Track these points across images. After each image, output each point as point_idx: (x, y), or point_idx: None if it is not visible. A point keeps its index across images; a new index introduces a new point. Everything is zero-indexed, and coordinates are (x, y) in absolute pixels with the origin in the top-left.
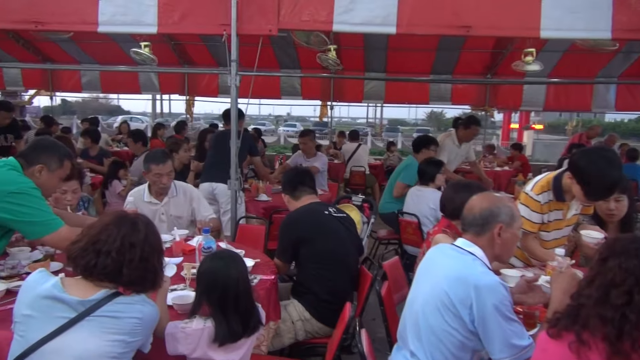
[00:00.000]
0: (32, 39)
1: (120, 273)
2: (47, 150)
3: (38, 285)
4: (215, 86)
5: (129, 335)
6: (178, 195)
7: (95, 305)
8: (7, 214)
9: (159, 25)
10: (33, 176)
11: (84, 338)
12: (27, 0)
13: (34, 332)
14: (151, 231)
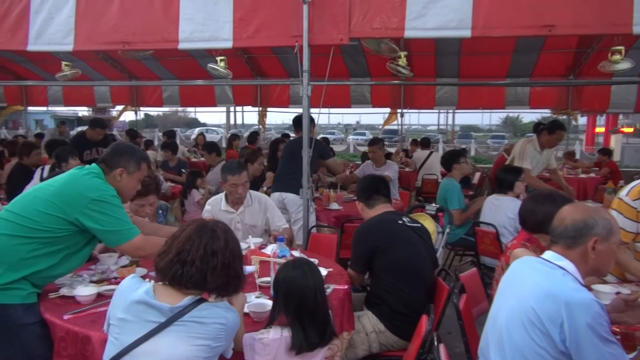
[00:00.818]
0: (120, 58)
1: (205, 280)
2: (125, 154)
3: (132, 291)
4: (286, 97)
5: (214, 340)
6: (253, 205)
7: (182, 311)
8: (89, 220)
9: (234, 40)
10: (115, 179)
11: (173, 343)
12: (115, 23)
13: (127, 335)
14: (230, 237)
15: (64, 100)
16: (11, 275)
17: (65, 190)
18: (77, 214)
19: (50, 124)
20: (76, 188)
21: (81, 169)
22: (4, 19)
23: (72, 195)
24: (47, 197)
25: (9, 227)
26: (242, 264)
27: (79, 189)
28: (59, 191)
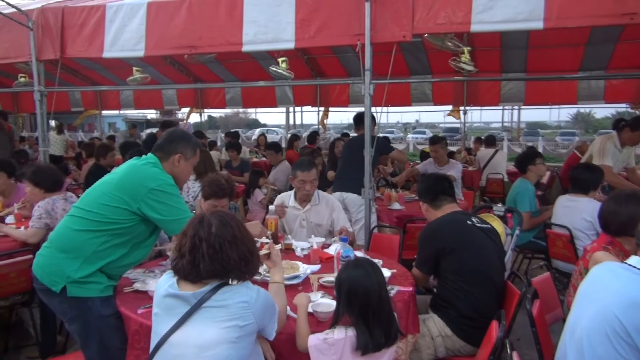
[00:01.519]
0: (185, 62)
1: (198, 269)
2: (182, 141)
3: (161, 287)
4: (345, 96)
5: (240, 319)
6: (320, 204)
7: (204, 297)
8: (150, 209)
9: (296, 41)
10: (173, 165)
11: (201, 329)
12: (183, 28)
13: (161, 327)
14: (223, 222)
15: (134, 104)
16: (88, 268)
17: (125, 182)
18: (139, 204)
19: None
20: (135, 179)
21: (139, 159)
22: (82, 29)
23: (133, 185)
24: (110, 190)
25: (80, 222)
26: (240, 246)
27: (138, 179)
28: (120, 183)
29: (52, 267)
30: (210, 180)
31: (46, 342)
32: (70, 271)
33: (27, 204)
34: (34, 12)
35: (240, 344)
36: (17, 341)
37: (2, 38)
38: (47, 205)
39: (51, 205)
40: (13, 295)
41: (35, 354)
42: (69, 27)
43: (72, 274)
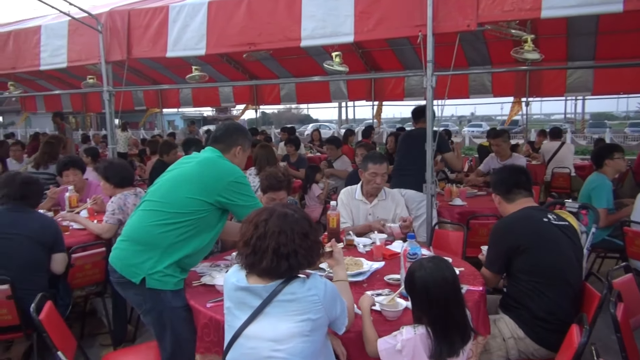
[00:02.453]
0: (242, 60)
1: (266, 260)
2: (240, 133)
3: (230, 280)
4: (401, 90)
5: (312, 312)
6: (387, 200)
7: (275, 290)
8: (227, 199)
9: (355, 34)
10: (233, 157)
11: (274, 323)
12: (242, 26)
13: (234, 321)
14: (287, 212)
15: (193, 102)
16: (165, 261)
17: (203, 174)
18: (217, 196)
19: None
20: (213, 171)
21: (208, 154)
22: (147, 29)
23: (212, 179)
24: (188, 182)
25: (154, 216)
26: (306, 236)
27: (216, 172)
28: (197, 175)
29: (131, 259)
30: (268, 173)
31: (118, 331)
32: (149, 264)
33: (98, 200)
34: (102, 15)
35: (312, 338)
36: (91, 329)
37: (74, 41)
38: (120, 201)
39: (123, 201)
40: (88, 285)
41: (108, 341)
42: (134, 28)
43: (150, 267)
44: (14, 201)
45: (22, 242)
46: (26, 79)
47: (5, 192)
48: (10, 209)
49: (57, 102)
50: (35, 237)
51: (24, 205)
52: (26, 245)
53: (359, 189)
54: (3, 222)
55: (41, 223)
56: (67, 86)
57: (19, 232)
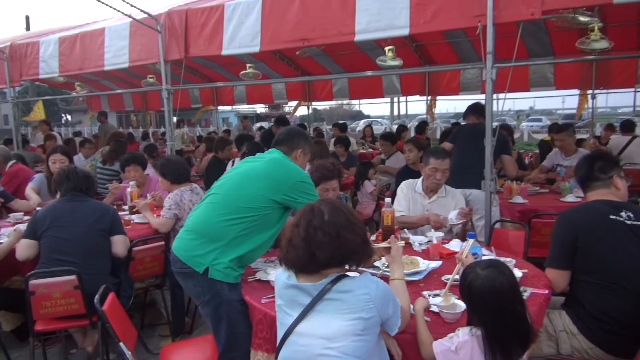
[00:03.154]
0: (294, 56)
1: (315, 258)
2: (301, 136)
3: (281, 278)
4: (456, 84)
5: (364, 311)
6: (446, 197)
7: (324, 288)
8: (292, 198)
9: (411, 27)
10: (295, 159)
11: (325, 320)
12: (296, 22)
13: (286, 318)
14: (334, 208)
15: (247, 99)
16: (228, 255)
17: (272, 174)
18: (283, 195)
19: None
20: (283, 172)
21: (272, 154)
22: (203, 28)
23: (280, 178)
24: (256, 179)
25: (220, 209)
26: (354, 231)
27: (285, 172)
28: (265, 173)
29: (196, 250)
30: (317, 165)
31: (176, 323)
32: (213, 255)
33: (156, 196)
34: (161, 16)
35: (365, 337)
36: (151, 320)
37: (135, 42)
38: (176, 197)
39: (179, 196)
40: (148, 278)
41: (166, 332)
42: (191, 27)
43: (214, 259)
44: (74, 192)
45: (82, 229)
46: (91, 79)
47: (69, 185)
48: (70, 199)
49: (119, 101)
50: (93, 223)
51: (83, 195)
52: (86, 231)
53: (420, 183)
54: (64, 212)
55: (97, 209)
56: (129, 85)
57: (78, 220)
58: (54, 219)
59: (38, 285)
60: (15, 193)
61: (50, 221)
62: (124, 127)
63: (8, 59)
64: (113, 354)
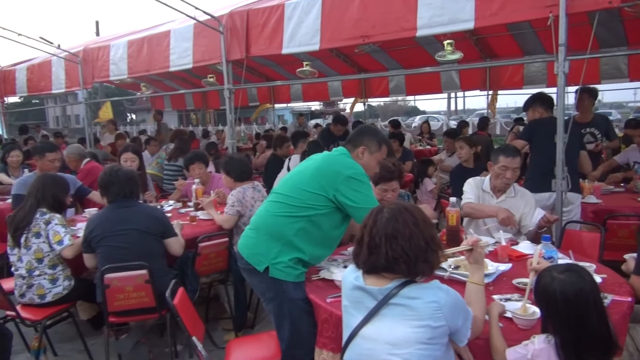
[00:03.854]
0: (350, 53)
1: (377, 260)
2: (368, 134)
3: (348, 279)
4: (519, 77)
5: (432, 319)
6: (516, 197)
7: (390, 293)
8: (342, 196)
9: (476, 20)
10: (357, 157)
11: (391, 325)
12: (356, 19)
13: (351, 320)
14: (399, 211)
15: (303, 97)
16: (288, 254)
17: (323, 168)
18: (334, 191)
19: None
20: (333, 166)
21: (334, 150)
22: (264, 28)
23: (330, 172)
24: (308, 176)
25: (279, 207)
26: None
27: (335, 166)
28: (318, 169)
29: (257, 248)
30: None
31: (239, 317)
32: (273, 254)
33: (220, 193)
34: (224, 17)
35: (432, 346)
36: (214, 313)
37: (199, 43)
38: (239, 194)
39: (242, 194)
40: (212, 273)
41: (229, 326)
42: (252, 27)
43: (274, 257)
44: (121, 197)
45: (135, 235)
46: (155, 79)
47: (114, 190)
48: (118, 205)
49: (181, 100)
50: (144, 228)
51: (129, 200)
52: (140, 237)
53: (487, 181)
54: (116, 220)
55: (147, 214)
56: (190, 85)
57: (130, 227)
58: (106, 229)
59: (112, 279)
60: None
61: (102, 231)
62: (184, 125)
63: (82, 63)
64: (180, 346)
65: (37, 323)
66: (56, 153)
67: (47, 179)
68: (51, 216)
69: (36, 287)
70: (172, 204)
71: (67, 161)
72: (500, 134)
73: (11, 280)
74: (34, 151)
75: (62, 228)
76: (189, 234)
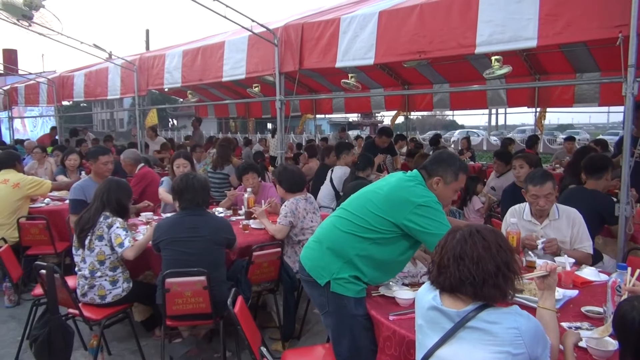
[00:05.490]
0: (396, 66)
1: (448, 281)
2: (444, 164)
3: (424, 298)
4: (570, 95)
5: (512, 346)
6: (560, 219)
7: (467, 316)
8: (414, 224)
9: (539, 38)
10: (431, 187)
11: (468, 349)
12: (412, 34)
13: (426, 340)
14: (468, 233)
15: (345, 108)
16: (349, 270)
17: (393, 196)
18: (403, 219)
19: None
20: (403, 194)
21: (405, 175)
22: (318, 41)
23: (400, 200)
24: (378, 200)
25: (346, 224)
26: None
27: (405, 195)
28: (387, 197)
29: (319, 261)
30: None
31: (287, 327)
32: (334, 269)
33: (272, 202)
34: (279, 30)
35: None
36: (261, 322)
37: (252, 54)
38: (292, 205)
39: (295, 205)
40: (263, 282)
41: (276, 335)
42: (307, 40)
43: (335, 272)
44: (193, 205)
45: (202, 243)
46: (200, 87)
47: (188, 197)
48: (189, 212)
49: (224, 108)
50: (212, 238)
51: (200, 208)
52: (206, 246)
53: (527, 209)
54: (186, 226)
55: (215, 225)
56: (233, 93)
57: (198, 235)
58: (175, 233)
59: (172, 283)
60: (143, 193)
61: (171, 235)
62: (223, 132)
63: (137, 70)
64: (228, 352)
65: (97, 322)
66: (108, 156)
67: (112, 183)
68: (113, 220)
69: (97, 287)
70: (222, 212)
71: (122, 165)
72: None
73: (70, 279)
74: (88, 155)
75: (123, 231)
76: (242, 243)
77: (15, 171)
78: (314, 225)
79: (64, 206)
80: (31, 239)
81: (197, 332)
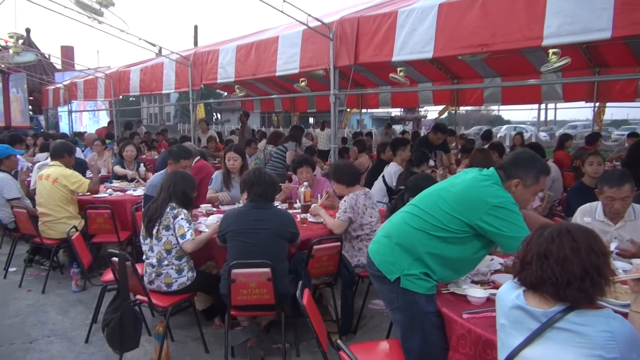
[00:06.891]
0: (445, 60)
1: (531, 280)
2: (525, 166)
3: (506, 297)
4: (632, 89)
5: (604, 350)
6: (636, 220)
7: (555, 317)
8: (488, 225)
9: (614, 29)
10: (509, 189)
11: (557, 351)
12: (475, 27)
13: (509, 340)
14: (555, 232)
15: (391, 103)
16: (420, 267)
17: (466, 195)
18: (477, 219)
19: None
20: (477, 194)
21: (480, 173)
22: (375, 35)
23: (474, 200)
24: (450, 199)
25: (416, 221)
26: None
27: (480, 195)
28: (460, 195)
29: (389, 256)
30: None
31: (344, 321)
32: (404, 265)
33: (328, 193)
34: (334, 24)
35: None
36: None
37: (306, 49)
38: (352, 201)
39: (354, 200)
40: (322, 275)
41: (333, 328)
42: (363, 35)
43: (405, 269)
44: (262, 199)
45: (267, 236)
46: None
47: (257, 191)
48: (256, 205)
49: (270, 102)
50: (276, 231)
51: (267, 202)
52: (271, 238)
53: (600, 208)
54: (252, 219)
55: (280, 219)
56: (279, 88)
57: (264, 227)
58: (242, 225)
59: (238, 274)
60: (199, 185)
61: (239, 227)
62: (266, 126)
63: (192, 66)
64: (287, 344)
65: (163, 309)
66: (189, 160)
67: (178, 175)
68: (179, 211)
69: (164, 276)
70: (278, 205)
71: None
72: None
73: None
74: (171, 155)
75: (186, 223)
76: (301, 236)
77: (59, 164)
78: (372, 221)
79: (125, 197)
80: (97, 227)
81: (258, 322)
